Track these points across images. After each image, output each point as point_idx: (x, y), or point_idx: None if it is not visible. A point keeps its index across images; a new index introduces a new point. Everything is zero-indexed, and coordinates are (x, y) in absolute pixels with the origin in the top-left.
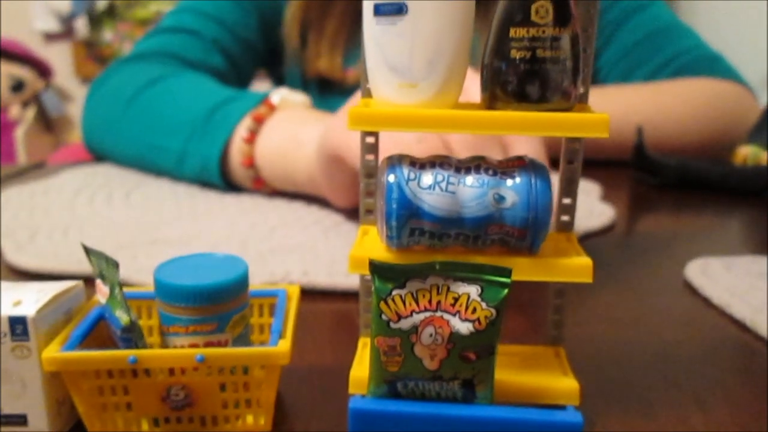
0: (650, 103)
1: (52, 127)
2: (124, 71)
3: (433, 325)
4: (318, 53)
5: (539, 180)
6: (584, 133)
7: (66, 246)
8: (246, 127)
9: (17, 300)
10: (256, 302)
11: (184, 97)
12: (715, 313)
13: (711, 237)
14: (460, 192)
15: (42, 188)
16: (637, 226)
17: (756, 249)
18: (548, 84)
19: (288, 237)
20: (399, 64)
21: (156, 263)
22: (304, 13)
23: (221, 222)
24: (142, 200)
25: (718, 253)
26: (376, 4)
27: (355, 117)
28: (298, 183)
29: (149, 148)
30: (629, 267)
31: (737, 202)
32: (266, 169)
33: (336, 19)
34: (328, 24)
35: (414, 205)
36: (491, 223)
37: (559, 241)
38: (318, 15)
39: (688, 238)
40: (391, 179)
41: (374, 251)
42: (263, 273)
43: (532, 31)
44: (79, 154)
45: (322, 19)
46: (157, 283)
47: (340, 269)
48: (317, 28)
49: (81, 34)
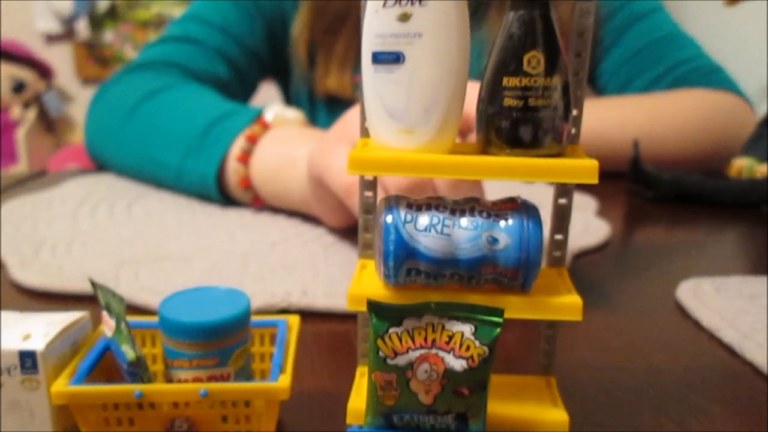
0: (646, 115)
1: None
2: (126, 81)
3: (429, 361)
4: (327, 72)
5: (531, 222)
6: (574, 180)
7: (70, 262)
8: (240, 147)
9: (26, 333)
10: (257, 332)
11: (181, 112)
12: (704, 336)
13: (704, 254)
14: (454, 234)
15: (45, 199)
16: (631, 243)
17: (748, 267)
18: (540, 130)
19: (288, 254)
20: (396, 111)
21: (158, 282)
22: (311, 33)
23: (222, 237)
24: (144, 213)
25: (710, 270)
26: (374, 52)
27: (355, 162)
28: (292, 202)
29: (149, 161)
30: (622, 286)
31: (732, 215)
32: (262, 189)
33: (344, 38)
34: (336, 43)
35: (410, 247)
36: (485, 264)
37: (551, 277)
38: (325, 34)
39: (681, 255)
40: (389, 220)
41: (372, 288)
42: (264, 294)
43: (525, 81)
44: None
45: (330, 39)
46: (161, 319)
47: (339, 290)
48: (325, 47)
49: (82, 35)
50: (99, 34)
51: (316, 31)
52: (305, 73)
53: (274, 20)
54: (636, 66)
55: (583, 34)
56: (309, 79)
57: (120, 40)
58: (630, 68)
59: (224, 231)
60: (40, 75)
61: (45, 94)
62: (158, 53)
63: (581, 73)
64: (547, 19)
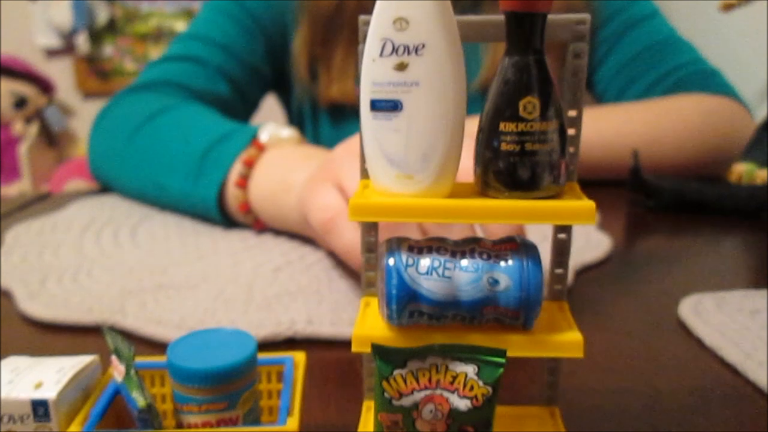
0: (644, 122)
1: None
2: (127, 102)
3: (433, 402)
4: (329, 82)
5: (530, 262)
6: (572, 222)
7: (76, 293)
8: (237, 172)
9: (38, 381)
10: (264, 369)
11: (181, 134)
12: (707, 355)
13: (705, 265)
14: (456, 277)
15: (49, 224)
16: (632, 256)
17: (749, 279)
18: (537, 173)
19: (292, 280)
20: (395, 157)
21: (164, 312)
22: (310, 47)
23: (226, 262)
24: (149, 237)
25: (712, 283)
26: (372, 100)
27: (356, 208)
28: (290, 226)
29: (151, 185)
30: (624, 303)
31: (733, 224)
32: (261, 213)
33: (342, 48)
34: (335, 54)
35: (412, 290)
36: (486, 304)
37: (552, 312)
38: (324, 47)
39: (682, 268)
40: (391, 263)
41: (376, 329)
42: (269, 323)
43: (521, 126)
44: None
45: (329, 50)
46: (170, 365)
47: (344, 317)
48: (325, 59)
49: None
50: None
51: (315, 44)
52: (307, 86)
53: (275, 37)
54: (633, 71)
55: (577, 74)
56: (311, 91)
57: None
58: (627, 74)
59: (228, 255)
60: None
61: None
62: (159, 73)
63: (577, 111)
64: (542, 64)
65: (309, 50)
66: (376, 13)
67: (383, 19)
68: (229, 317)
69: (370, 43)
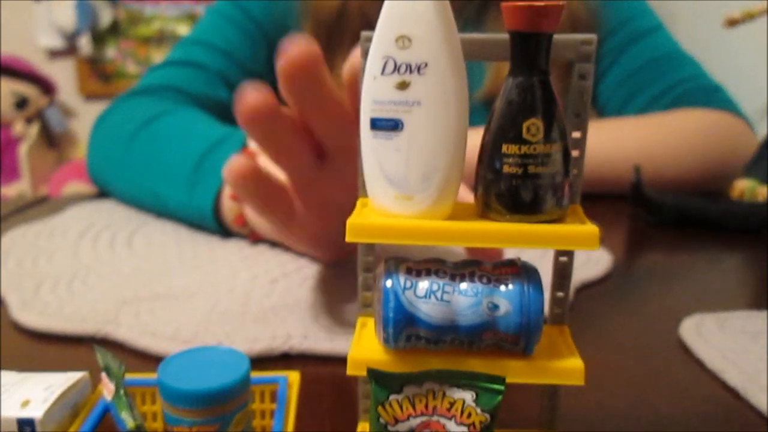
0: (646, 136)
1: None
2: (127, 107)
3: (430, 428)
4: None
5: (531, 287)
6: (574, 247)
7: (71, 301)
8: None
9: (25, 399)
10: (258, 389)
11: (176, 140)
12: (708, 377)
13: (707, 283)
14: (454, 301)
15: (46, 230)
16: (633, 273)
17: (752, 300)
18: (540, 197)
19: (289, 292)
20: (395, 177)
21: (159, 323)
22: None
23: (223, 272)
24: (146, 244)
25: (713, 302)
26: (372, 118)
27: (354, 229)
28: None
29: (148, 193)
30: (625, 322)
31: (734, 241)
32: (256, 224)
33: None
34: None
35: (410, 313)
36: (486, 330)
37: (553, 336)
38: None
39: (684, 286)
40: (388, 285)
41: (372, 352)
42: (265, 337)
43: (524, 149)
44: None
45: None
46: (161, 385)
47: (341, 332)
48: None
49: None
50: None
51: None
52: None
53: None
54: (636, 85)
55: (582, 95)
56: None
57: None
58: (630, 87)
59: (225, 265)
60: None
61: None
62: (160, 77)
63: (581, 132)
64: (546, 85)
65: None
66: (379, 31)
67: (385, 36)
68: (224, 330)
69: (371, 60)
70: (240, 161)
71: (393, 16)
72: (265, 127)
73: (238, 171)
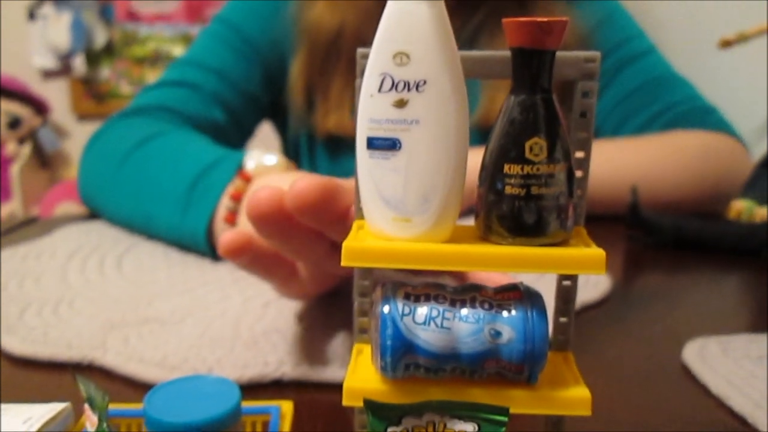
0: (642, 157)
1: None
2: (119, 127)
3: None
4: (326, 113)
5: (535, 312)
6: (580, 271)
7: (56, 326)
8: (225, 207)
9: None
10: (249, 419)
11: (169, 162)
12: (713, 404)
13: (708, 306)
14: (455, 328)
15: (34, 251)
16: (633, 295)
17: (754, 322)
18: (543, 218)
19: (281, 315)
20: (392, 199)
21: (147, 348)
22: (308, 77)
23: (214, 295)
24: (135, 267)
25: (715, 325)
26: (369, 138)
27: (349, 253)
28: None
29: (140, 214)
30: (627, 347)
31: (733, 262)
32: None
33: (341, 77)
34: (333, 83)
35: (409, 341)
36: (488, 358)
37: (557, 364)
38: (322, 76)
39: (685, 309)
40: (386, 311)
41: (369, 381)
42: (256, 363)
43: (527, 169)
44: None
45: (327, 79)
46: (147, 418)
47: (335, 358)
48: (322, 88)
49: (78, 71)
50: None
51: (313, 72)
52: (304, 116)
53: (272, 64)
54: (630, 107)
55: (585, 114)
56: (308, 122)
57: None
58: (624, 109)
59: (216, 288)
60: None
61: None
62: (153, 98)
63: (585, 152)
64: (549, 104)
65: (306, 78)
66: (376, 47)
67: (383, 53)
68: (215, 356)
69: (368, 77)
70: (230, 238)
71: (391, 31)
72: (274, 230)
73: (230, 247)
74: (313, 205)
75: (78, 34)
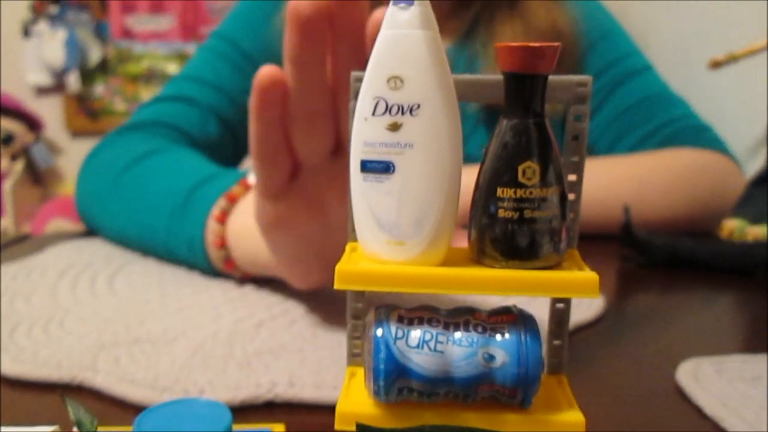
0: (634, 175)
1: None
2: (117, 143)
3: None
4: None
5: (529, 335)
6: (574, 295)
7: (46, 345)
8: (219, 206)
9: None
10: None
11: (168, 175)
12: (709, 426)
13: (701, 326)
14: (448, 351)
15: (24, 269)
16: (626, 315)
17: (747, 342)
18: (536, 242)
19: (274, 336)
20: (386, 222)
21: (139, 369)
22: None
23: (207, 315)
24: (127, 285)
25: (709, 345)
26: (362, 160)
27: (342, 275)
28: (267, 266)
29: (137, 226)
30: (621, 367)
31: (725, 282)
32: (236, 249)
33: None
34: None
35: (402, 365)
36: (481, 382)
37: (551, 387)
38: None
39: (678, 329)
40: (379, 334)
41: (361, 405)
42: (249, 384)
43: (520, 192)
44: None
45: None
46: None
47: (328, 379)
48: None
49: (73, 88)
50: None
51: None
52: None
53: None
54: (625, 124)
55: (578, 138)
56: None
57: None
58: (618, 127)
59: (209, 308)
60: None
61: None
62: (150, 113)
63: (578, 175)
64: (542, 127)
65: None
66: (370, 70)
67: (376, 76)
68: (207, 377)
69: (362, 100)
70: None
71: (384, 55)
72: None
73: (270, 74)
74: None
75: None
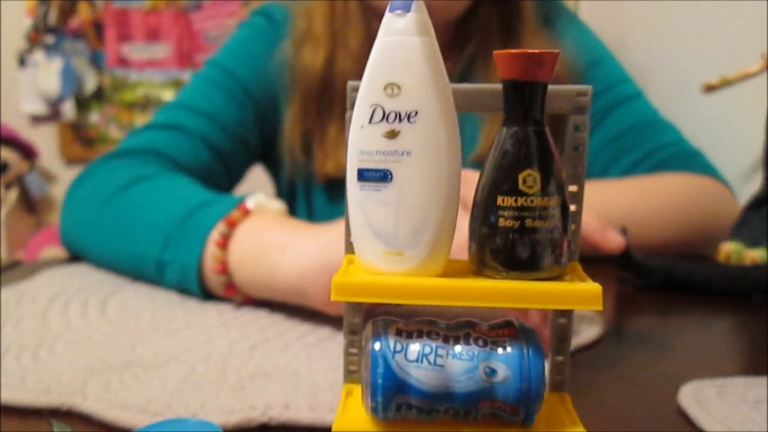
0: (629, 198)
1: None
2: (104, 170)
3: None
4: (324, 157)
5: (531, 350)
6: (577, 306)
7: (35, 371)
8: (219, 231)
9: None
10: None
11: (159, 202)
12: None
13: (701, 348)
14: (448, 365)
15: (15, 295)
16: (625, 337)
17: (748, 365)
18: (538, 252)
19: (269, 358)
20: (384, 232)
21: (129, 394)
22: (303, 125)
23: (200, 338)
24: (119, 310)
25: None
26: (359, 169)
27: (339, 287)
28: (275, 290)
29: (127, 254)
30: (622, 390)
31: (723, 305)
32: (240, 274)
33: (336, 122)
34: (329, 128)
35: (400, 380)
36: (482, 398)
37: (554, 405)
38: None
39: (678, 351)
40: (377, 348)
41: (359, 423)
42: (242, 407)
43: (521, 201)
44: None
45: (322, 125)
46: None
47: (323, 401)
48: (319, 133)
49: (68, 116)
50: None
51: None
52: (302, 161)
53: (266, 109)
54: (616, 150)
55: (578, 148)
56: (306, 167)
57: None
58: (610, 152)
59: (202, 330)
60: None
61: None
62: (139, 141)
63: (578, 186)
64: (542, 136)
65: (302, 125)
66: (366, 78)
67: (373, 84)
68: (199, 400)
69: (358, 108)
70: None
71: (381, 62)
72: None
73: None
74: None
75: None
